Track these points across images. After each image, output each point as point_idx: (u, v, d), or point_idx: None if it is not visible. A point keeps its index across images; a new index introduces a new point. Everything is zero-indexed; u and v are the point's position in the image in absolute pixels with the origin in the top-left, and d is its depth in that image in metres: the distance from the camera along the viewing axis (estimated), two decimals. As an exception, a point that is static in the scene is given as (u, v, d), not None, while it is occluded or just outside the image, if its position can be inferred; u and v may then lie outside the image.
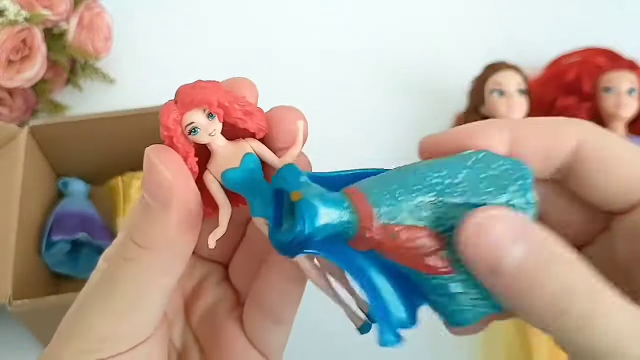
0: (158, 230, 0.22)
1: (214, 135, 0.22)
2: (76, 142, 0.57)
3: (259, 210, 0.22)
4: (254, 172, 0.22)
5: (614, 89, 0.63)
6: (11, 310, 0.45)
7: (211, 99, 0.22)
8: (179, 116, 0.22)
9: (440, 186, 0.21)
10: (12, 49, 0.59)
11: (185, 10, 0.80)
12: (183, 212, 0.22)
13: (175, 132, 0.22)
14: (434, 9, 0.81)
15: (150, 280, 0.22)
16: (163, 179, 0.21)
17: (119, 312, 0.22)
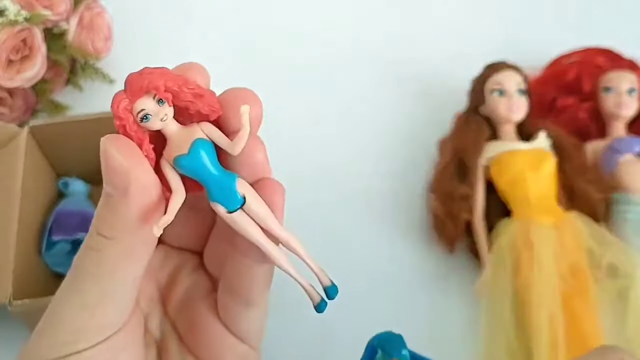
0: (119, 219, 0.22)
1: (166, 121, 0.22)
2: (76, 142, 0.57)
3: (215, 194, 0.23)
4: (206, 156, 0.22)
5: (614, 89, 0.63)
6: (11, 310, 0.45)
7: (158, 84, 0.22)
8: (129, 104, 0.22)
9: None
10: (12, 49, 0.59)
11: (185, 10, 0.80)
12: (141, 197, 0.22)
13: (127, 120, 0.22)
14: (434, 9, 0.81)
15: (116, 269, 0.23)
16: (118, 165, 0.22)
17: (89, 303, 0.23)
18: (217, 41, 0.76)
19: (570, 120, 0.66)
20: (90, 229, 0.23)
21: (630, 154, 0.61)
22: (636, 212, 0.58)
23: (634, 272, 0.55)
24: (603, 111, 0.64)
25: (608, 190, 0.60)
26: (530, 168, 0.58)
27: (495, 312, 0.54)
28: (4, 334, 0.54)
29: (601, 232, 0.57)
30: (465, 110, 0.65)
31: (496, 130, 0.62)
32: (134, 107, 0.22)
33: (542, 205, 0.57)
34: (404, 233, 0.61)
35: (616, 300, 0.54)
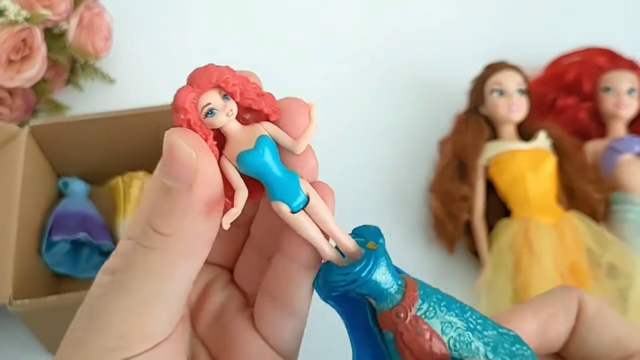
0: (182, 215, 0.21)
1: (231, 116, 0.22)
2: (76, 142, 0.57)
3: (279, 193, 0.22)
4: (271, 154, 0.22)
5: (614, 89, 0.63)
6: (11, 310, 0.45)
7: (227, 79, 0.21)
8: (195, 98, 0.21)
9: (472, 325, 0.23)
10: (13, 49, 0.59)
11: (185, 10, 0.80)
12: (207, 191, 0.21)
13: (192, 114, 0.21)
14: (434, 9, 0.81)
15: (174, 268, 0.21)
16: (187, 156, 0.21)
17: (139, 305, 0.21)
18: (217, 41, 0.76)
19: (570, 120, 0.66)
20: (140, 225, 0.22)
21: (630, 154, 0.61)
22: (636, 212, 0.58)
23: (634, 271, 0.55)
24: (603, 111, 0.64)
25: (608, 190, 0.60)
26: (530, 168, 0.58)
27: (495, 311, 0.54)
28: (4, 334, 0.54)
29: (601, 231, 0.57)
30: (465, 110, 0.65)
31: (496, 130, 0.62)
32: (199, 101, 0.21)
33: (542, 205, 0.57)
34: (404, 233, 0.61)
35: (616, 300, 0.54)
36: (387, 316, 0.22)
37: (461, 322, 0.22)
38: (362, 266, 0.22)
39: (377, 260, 0.22)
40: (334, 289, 0.22)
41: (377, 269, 0.22)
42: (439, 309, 0.22)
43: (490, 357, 0.22)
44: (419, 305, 0.22)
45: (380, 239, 0.23)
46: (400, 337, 0.22)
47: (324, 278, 0.23)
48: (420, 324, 0.22)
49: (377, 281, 0.22)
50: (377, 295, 0.22)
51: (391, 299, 0.22)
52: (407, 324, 0.22)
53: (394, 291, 0.22)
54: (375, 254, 0.22)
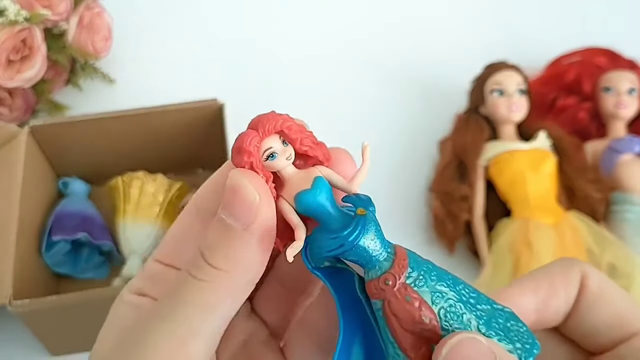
0: (237, 252, 0.22)
1: (289, 160, 0.23)
2: (76, 142, 0.57)
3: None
4: (326, 194, 0.23)
5: (614, 89, 0.63)
6: (11, 310, 0.45)
7: (290, 125, 0.23)
8: (259, 142, 0.22)
9: (465, 297, 0.22)
10: (12, 49, 0.59)
11: (185, 10, 0.80)
12: (263, 233, 0.22)
13: (256, 157, 0.22)
14: (434, 9, 0.81)
15: (221, 303, 0.22)
16: (251, 197, 0.21)
17: (180, 334, 0.21)
18: (217, 42, 0.76)
19: (570, 120, 0.66)
20: (195, 257, 0.22)
21: (630, 153, 0.61)
22: (635, 212, 0.58)
23: (634, 271, 0.55)
24: (603, 111, 0.64)
25: (608, 190, 0.60)
26: (530, 168, 0.58)
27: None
28: (4, 334, 0.54)
29: (601, 232, 0.57)
30: (465, 110, 0.65)
31: (496, 130, 0.62)
32: (262, 144, 0.22)
33: (542, 205, 0.57)
34: (404, 233, 0.61)
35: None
36: (375, 284, 0.22)
37: (453, 293, 0.22)
38: (349, 230, 0.22)
39: (365, 225, 0.22)
40: (323, 255, 0.22)
41: (365, 234, 0.22)
42: (429, 279, 0.22)
43: (483, 330, 0.22)
44: (408, 274, 0.22)
45: (371, 207, 0.23)
46: (388, 305, 0.22)
47: (313, 245, 0.23)
48: (409, 292, 0.22)
49: (365, 247, 0.22)
50: (366, 262, 0.22)
51: (380, 266, 0.22)
52: (396, 292, 0.22)
53: (383, 258, 0.22)
54: (363, 219, 0.22)
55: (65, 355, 0.53)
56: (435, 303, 0.22)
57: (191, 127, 0.58)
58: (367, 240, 0.22)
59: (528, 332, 0.23)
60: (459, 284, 0.23)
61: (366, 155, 0.23)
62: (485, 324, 0.22)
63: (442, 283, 0.22)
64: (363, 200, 0.23)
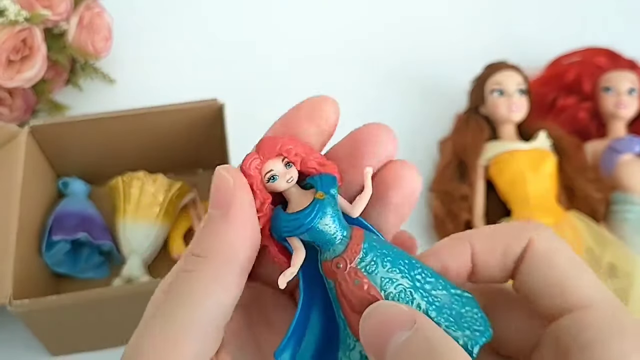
0: (214, 237, 0.22)
1: (290, 182, 0.24)
2: (76, 142, 0.57)
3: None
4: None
5: (614, 89, 0.63)
6: (11, 310, 0.45)
7: (290, 149, 0.24)
8: (260, 164, 0.23)
9: (419, 283, 0.23)
10: (13, 49, 0.59)
11: (185, 10, 0.80)
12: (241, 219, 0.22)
13: (255, 179, 0.23)
14: (434, 9, 0.81)
15: (206, 292, 0.22)
16: (225, 183, 0.23)
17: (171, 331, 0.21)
18: (217, 42, 0.76)
19: (570, 120, 0.66)
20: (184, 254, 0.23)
21: (630, 153, 0.61)
22: (636, 212, 0.58)
23: (634, 271, 0.55)
24: (603, 111, 0.64)
25: (608, 190, 0.60)
26: (530, 168, 0.58)
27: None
28: (4, 334, 0.54)
29: (601, 231, 0.57)
30: (465, 110, 0.65)
31: (496, 130, 0.62)
32: (263, 167, 0.23)
33: (542, 205, 0.57)
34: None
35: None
36: (328, 265, 0.23)
37: (405, 279, 0.23)
38: (305, 213, 0.23)
39: (321, 209, 0.23)
40: (282, 235, 0.24)
41: (321, 218, 0.23)
42: (381, 264, 0.23)
43: (432, 315, 0.22)
44: (360, 258, 0.23)
45: (332, 189, 0.24)
46: (339, 287, 0.23)
47: (274, 223, 0.24)
48: (359, 276, 0.23)
49: (320, 229, 0.23)
50: (321, 243, 0.23)
51: (334, 249, 0.23)
52: (346, 275, 0.23)
53: (338, 242, 0.23)
54: (320, 203, 0.23)
55: (65, 355, 0.53)
56: (384, 288, 0.23)
57: (191, 127, 0.58)
58: (322, 223, 0.23)
59: (483, 318, 0.23)
60: (416, 269, 0.23)
61: (368, 182, 0.24)
62: (436, 310, 0.23)
63: (394, 269, 0.23)
64: (326, 181, 0.24)
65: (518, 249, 0.23)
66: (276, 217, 0.24)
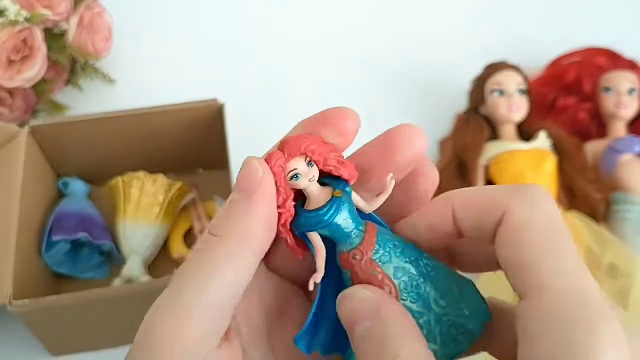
0: (235, 219, 0.23)
1: (312, 181, 0.25)
2: (76, 142, 0.57)
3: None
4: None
5: (614, 89, 0.63)
6: (11, 310, 0.45)
7: (313, 149, 0.25)
8: (284, 163, 0.24)
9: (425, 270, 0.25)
10: (13, 49, 0.59)
11: (185, 10, 0.80)
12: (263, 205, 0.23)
13: (279, 176, 0.24)
14: (434, 10, 0.81)
15: (216, 268, 0.22)
16: (254, 170, 0.24)
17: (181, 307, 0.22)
18: (217, 42, 0.76)
19: (570, 120, 0.66)
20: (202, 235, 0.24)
21: (630, 153, 0.61)
22: (636, 212, 0.58)
23: (634, 271, 0.55)
24: (603, 111, 0.64)
25: (608, 190, 0.60)
26: (530, 168, 0.58)
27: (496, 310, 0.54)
28: (4, 334, 0.54)
29: (601, 231, 0.57)
30: (465, 110, 0.65)
31: (496, 130, 0.62)
32: (287, 165, 0.25)
33: (542, 205, 0.57)
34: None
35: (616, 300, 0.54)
36: (346, 257, 0.25)
37: (414, 268, 0.25)
38: (325, 210, 0.24)
39: (339, 205, 0.25)
40: (302, 230, 0.25)
41: (339, 214, 0.25)
42: (394, 255, 0.25)
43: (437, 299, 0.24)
44: (375, 250, 0.25)
45: (347, 187, 0.25)
46: (356, 277, 0.25)
47: (295, 220, 0.25)
48: (374, 267, 0.24)
49: (338, 224, 0.25)
50: (339, 237, 0.25)
51: (351, 242, 0.25)
52: (362, 265, 0.25)
53: (354, 235, 0.25)
54: (338, 200, 0.25)
55: (65, 355, 0.53)
56: (397, 277, 0.24)
57: (191, 127, 0.58)
58: (339, 219, 0.25)
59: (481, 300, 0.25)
60: (423, 258, 0.25)
61: (390, 187, 0.25)
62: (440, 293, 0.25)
63: (405, 259, 0.25)
64: (341, 181, 0.25)
65: (493, 217, 0.23)
66: (297, 213, 0.25)
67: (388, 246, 0.25)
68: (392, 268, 0.24)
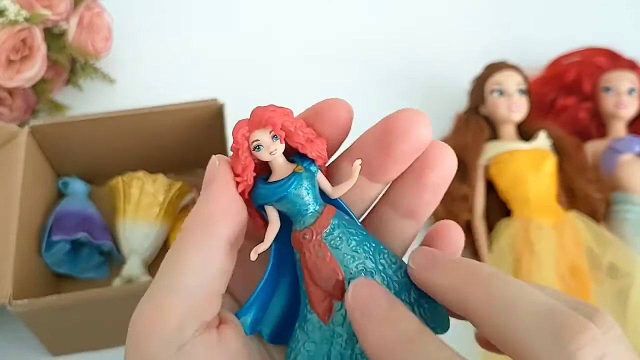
0: (197, 209, 0.24)
1: (274, 155, 0.24)
2: (76, 142, 0.57)
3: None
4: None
5: (614, 89, 0.63)
6: (11, 310, 0.45)
7: (276, 121, 0.24)
8: (247, 132, 0.24)
9: (382, 267, 0.24)
10: (12, 49, 0.59)
11: (185, 10, 0.80)
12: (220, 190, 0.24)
13: (241, 145, 0.24)
14: (434, 9, 0.81)
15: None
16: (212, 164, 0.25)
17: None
18: (217, 41, 0.76)
19: (570, 120, 0.66)
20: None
21: (630, 153, 0.61)
22: (636, 212, 0.58)
23: (634, 271, 0.55)
24: (603, 111, 0.64)
25: (608, 190, 0.60)
26: (530, 168, 0.58)
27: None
28: (4, 334, 0.54)
29: (601, 231, 0.57)
30: (465, 110, 0.65)
31: (496, 130, 0.62)
32: (250, 136, 0.25)
33: (542, 205, 0.57)
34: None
35: (616, 300, 0.54)
36: (297, 236, 0.24)
37: (369, 260, 0.24)
38: (281, 183, 0.24)
39: (298, 182, 0.24)
40: (259, 201, 0.25)
41: (295, 190, 0.24)
42: (346, 241, 0.24)
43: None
44: (327, 233, 0.24)
45: (313, 166, 0.25)
46: (303, 257, 0.24)
47: (253, 192, 0.25)
48: (322, 249, 0.24)
49: (293, 200, 0.24)
50: (293, 214, 0.24)
51: (304, 220, 0.24)
52: (311, 246, 0.24)
53: (309, 214, 0.24)
54: (299, 175, 0.24)
55: (65, 355, 0.53)
56: (346, 264, 0.24)
57: (191, 127, 0.58)
58: (295, 195, 0.24)
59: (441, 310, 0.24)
60: (382, 254, 0.24)
61: (355, 173, 0.25)
62: (395, 294, 0.23)
63: (360, 249, 0.24)
64: (308, 159, 0.25)
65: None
66: (255, 185, 0.25)
67: (344, 232, 0.24)
68: (342, 254, 0.24)
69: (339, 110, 0.26)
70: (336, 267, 0.24)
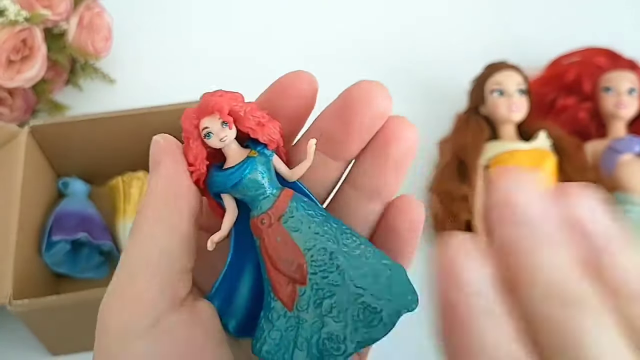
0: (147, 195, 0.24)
1: (225, 141, 0.24)
2: (76, 142, 0.57)
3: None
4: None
5: (614, 89, 0.63)
6: (11, 310, 0.45)
7: (223, 107, 0.24)
8: (195, 120, 0.24)
9: (346, 248, 0.23)
10: (13, 49, 0.59)
11: (185, 10, 0.80)
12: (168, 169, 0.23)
13: (191, 134, 0.24)
14: (434, 9, 0.81)
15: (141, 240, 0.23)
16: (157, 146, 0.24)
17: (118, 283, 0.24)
18: (217, 41, 0.76)
19: (570, 120, 0.66)
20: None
21: (630, 153, 0.61)
22: (636, 212, 0.58)
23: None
24: (603, 111, 0.64)
25: (608, 190, 0.60)
26: (530, 168, 0.58)
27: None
28: (4, 334, 0.54)
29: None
30: (465, 110, 0.65)
31: (496, 130, 0.62)
32: (200, 123, 0.24)
33: (542, 205, 0.57)
34: (404, 233, 0.61)
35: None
36: (255, 222, 0.24)
37: (330, 242, 0.23)
38: (235, 169, 0.24)
39: (252, 166, 0.24)
40: (215, 189, 0.24)
41: (249, 174, 0.23)
42: (306, 224, 0.23)
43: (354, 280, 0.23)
44: (285, 216, 0.23)
45: (267, 150, 0.24)
46: (262, 243, 0.23)
47: (208, 180, 0.24)
48: (281, 233, 0.23)
49: (247, 185, 0.24)
50: (250, 200, 0.24)
51: (261, 206, 0.24)
52: (270, 231, 0.23)
53: (265, 199, 0.24)
54: (253, 160, 0.24)
55: (65, 355, 0.53)
56: (307, 248, 0.23)
57: (191, 127, 0.58)
58: (249, 180, 0.23)
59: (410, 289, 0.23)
60: (345, 234, 0.23)
61: (310, 153, 0.24)
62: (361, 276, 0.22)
63: (318, 230, 0.23)
64: (262, 144, 0.24)
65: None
66: (209, 173, 0.24)
67: (303, 215, 0.23)
68: (301, 237, 0.23)
69: (301, 82, 0.26)
70: (297, 251, 0.23)
